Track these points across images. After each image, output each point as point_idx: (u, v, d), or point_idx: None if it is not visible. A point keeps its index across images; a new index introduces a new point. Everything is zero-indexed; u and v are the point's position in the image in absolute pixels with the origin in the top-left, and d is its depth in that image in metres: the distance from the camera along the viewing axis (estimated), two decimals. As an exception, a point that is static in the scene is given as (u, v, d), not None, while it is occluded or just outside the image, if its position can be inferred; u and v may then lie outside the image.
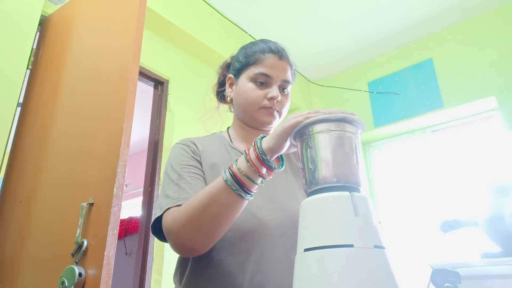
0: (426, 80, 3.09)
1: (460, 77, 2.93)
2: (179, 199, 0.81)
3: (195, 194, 0.79)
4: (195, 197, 0.77)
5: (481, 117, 2.98)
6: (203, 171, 0.90)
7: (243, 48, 1.03)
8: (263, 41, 1.01)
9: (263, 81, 0.94)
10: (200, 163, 0.92)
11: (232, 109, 1.08)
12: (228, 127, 1.08)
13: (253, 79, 0.94)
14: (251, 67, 0.96)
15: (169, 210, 0.80)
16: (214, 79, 1.13)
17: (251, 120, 0.98)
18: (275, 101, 0.93)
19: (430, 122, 3.15)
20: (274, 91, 0.93)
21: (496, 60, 2.79)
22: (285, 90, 0.97)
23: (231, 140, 1.02)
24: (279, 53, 0.96)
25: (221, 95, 1.10)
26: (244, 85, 0.96)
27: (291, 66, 0.99)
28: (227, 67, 1.09)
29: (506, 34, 2.80)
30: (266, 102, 0.93)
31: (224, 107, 1.12)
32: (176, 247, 0.79)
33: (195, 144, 0.96)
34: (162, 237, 0.85)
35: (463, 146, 3.01)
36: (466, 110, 2.97)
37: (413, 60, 3.22)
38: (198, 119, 1.12)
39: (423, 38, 3.22)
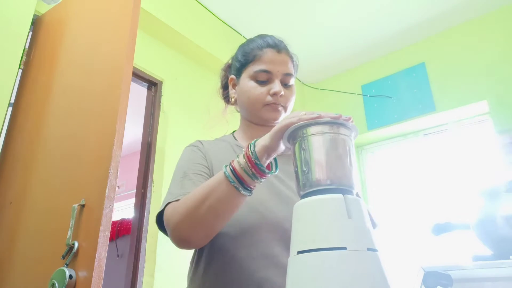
0: (418, 84, 3.12)
1: (453, 81, 2.96)
2: (179, 194, 0.82)
3: None
4: (195, 190, 0.78)
5: (473, 121, 3.01)
6: (209, 169, 0.91)
7: (241, 46, 1.02)
8: (260, 36, 0.99)
9: (264, 79, 0.93)
10: (207, 162, 0.93)
11: (238, 110, 1.08)
12: (234, 131, 1.08)
13: (254, 77, 0.94)
14: (250, 65, 0.95)
15: (170, 204, 0.81)
16: (218, 83, 1.13)
17: (257, 118, 0.97)
18: (279, 96, 0.92)
19: (423, 125, 3.18)
20: (276, 86, 0.92)
21: (488, 64, 2.82)
22: (288, 83, 0.96)
23: (237, 140, 1.02)
24: (277, 47, 0.95)
25: (226, 98, 1.10)
26: (246, 84, 0.95)
27: (291, 58, 0.98)
28: (228, 68, 1.08)
29: (498, 38, 2.84)
30: (269, 99, 0.92)
31: (230, 109, 1.11)
32: (174, 239, 0.80)
33: (202, 144, 0.97)
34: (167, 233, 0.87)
35: (455, 149, 3.04)
36: (458, 114, 2.99)
37: (406, 64, 3.24)
38: (203, 126, 1.12)
39: (415, 42, 3.24)
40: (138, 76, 2.31)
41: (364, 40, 3.22)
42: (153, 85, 2.43)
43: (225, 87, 1.09)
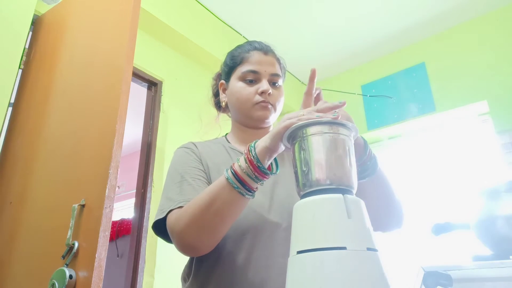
0: (418, 84, 3.12)
1: (452, 81, 2.96)
2: (181, 201, 0.82)
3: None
4: (198, 196, 0.78)
5: (473, 121, 3.01)
6: (205, 173, 0.91)
7: (229, 52, 1.05)
8: (247, 42, 1.03)
9: (252, 78, 0.95)
10: (202, 165, 0.93)
11: (230, 115, 1.08)
12: (226, 134, 1.08)
13: (242, 78, 0.96)
14: (238, 67, 0.98)
15: (172, 211, 0.81)
16: (209, 92, 1.14)
17: (247, 119, 0.98)
18: (267, 94, 0.94)
19: (423, 125, 3.18)
20: (264, 85, 0.94)
21: (488, 64, 2.82)
22: (276, 84, 0.98)
23: (229, 143, 1.03)
24: (264, 49, 0.98)
25: (218, 105, 1.11)
26: (235, 85, 0.97)
27: (278, 60, 1.01)
28: (218, 77, 1.10)
29: (498, 39, 2.84)
30: (258, 98, 0.94)
31: (223, 117, 1.12)
32: (180, 247, 0.80)
33: (196, 146, 0.97)
34: (166, 238, 0.86)
35: (455, 149, 3.04)
36: (458, 114, 2.99)
37: (406, 64, 3.24)
38: (196, 132, 1.13)
39: (416, 42, 3.24)
40: (138, 76, 2.31)
41: (364, 40, 3.22)
42: (153, 85, 2.43)
43: (216, 95, 1.11)
